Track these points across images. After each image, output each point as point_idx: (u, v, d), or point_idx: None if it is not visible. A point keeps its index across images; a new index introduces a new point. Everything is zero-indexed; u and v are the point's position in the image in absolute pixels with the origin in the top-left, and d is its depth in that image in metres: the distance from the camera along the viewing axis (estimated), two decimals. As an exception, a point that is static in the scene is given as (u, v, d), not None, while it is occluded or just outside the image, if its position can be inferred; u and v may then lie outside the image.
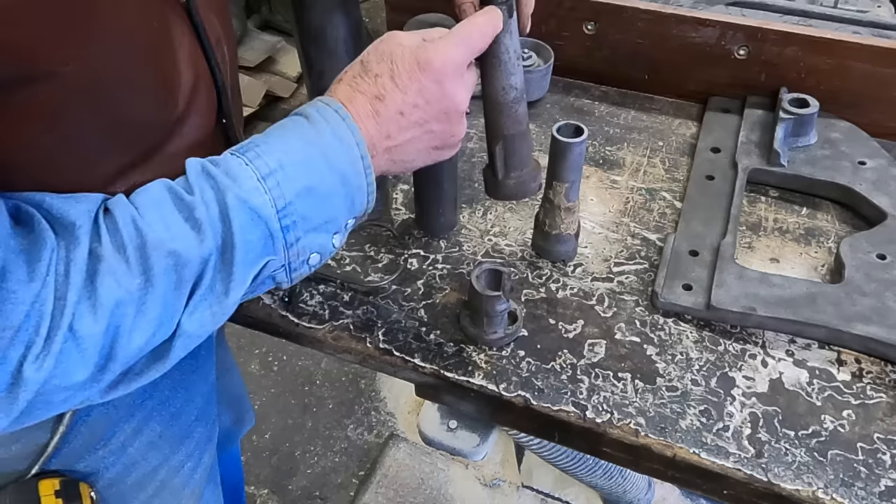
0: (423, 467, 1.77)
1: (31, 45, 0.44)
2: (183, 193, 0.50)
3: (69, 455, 0.67)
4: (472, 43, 0.59)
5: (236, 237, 0.49)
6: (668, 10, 0.99)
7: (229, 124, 0.68)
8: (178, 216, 0.49)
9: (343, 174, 0.54)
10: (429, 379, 0.74)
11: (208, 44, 0.60)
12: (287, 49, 3.21)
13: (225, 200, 0.49)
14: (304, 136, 0.53)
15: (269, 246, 0.52)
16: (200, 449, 0.84)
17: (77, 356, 0.45)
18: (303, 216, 0.53)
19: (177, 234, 0.48)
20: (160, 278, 0.47)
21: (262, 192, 0.50)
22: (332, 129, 0.54)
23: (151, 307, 0.48)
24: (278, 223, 0.51)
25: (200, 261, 0.49)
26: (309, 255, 0.55)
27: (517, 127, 0.67)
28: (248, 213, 0.50)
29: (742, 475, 0.64)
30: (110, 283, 0.46)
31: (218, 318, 0.52)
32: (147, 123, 0.56)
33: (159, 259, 0.47)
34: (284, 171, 0.51)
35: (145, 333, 0.48)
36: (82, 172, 0.54)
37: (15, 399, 0.44)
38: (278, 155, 0.52)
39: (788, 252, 0.83)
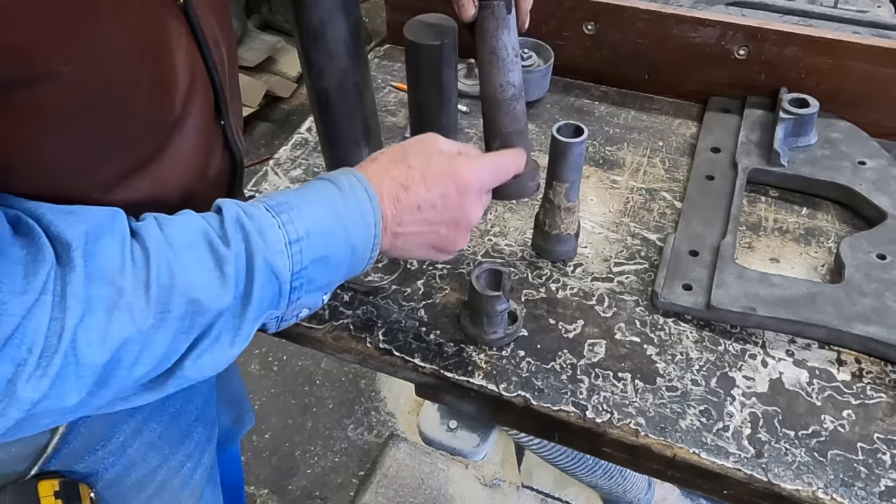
0: (423, 467, 1.77)
1: (30, 45, 0.43)
2: (219, 244, 0.50)
3: (69, 456, 0.67)
4: (500, 171, 0.65)
5: (255, 295, 0.51)
6: (668, 10, 0.99)
7: (227, 126, 0.68)
8: (211, 266, 0.50)
9: (354, 248, 0.57)
10: (429, 379, 0.74)
11: (206, 45, 0.60)
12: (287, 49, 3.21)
13: (253, 260, 0.51)
14: (332, 206, 0.56)
15: (275, 303, 0.54)
16: (200, 449, 0.84)
17: (74, 381, 0.45)
18: (310, 280, 0.55)
19: (205, 283, 0.49)
20: (175, 321, 0.48)
21: (285, 256, 0.53)
22: (358, 203, 0.57)
23: (158, 346, 0.48)
24: (290, 285, 0.54)
25: (217, 311, 0.50)
26: (301, 311, 0.58)
27: (515, 125, 0.67)
28: (269, 275, 0.52)
29: (742, 475, 0.64)
30: (125, 319, 0.46)
31: (218, 365, 0.53)
32: (145, 125, 0.56)
33: (181, 304, 0.48)
34: (309, 240, 0.54)
35: (145, 368, 0.48)
36: (82, 176, 0.53)
37: (2, 415, 0.43)
38: (307, 222, 0.54)
39: (788, 252, 0.83)
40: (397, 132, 1.03)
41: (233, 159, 0.72)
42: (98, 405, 0.48)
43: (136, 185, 0.57)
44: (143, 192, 0.58)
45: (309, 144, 1.02)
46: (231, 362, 0.54)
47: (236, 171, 0.73)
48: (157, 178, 0.59)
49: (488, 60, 0.63)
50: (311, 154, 1.00)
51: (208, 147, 0.65)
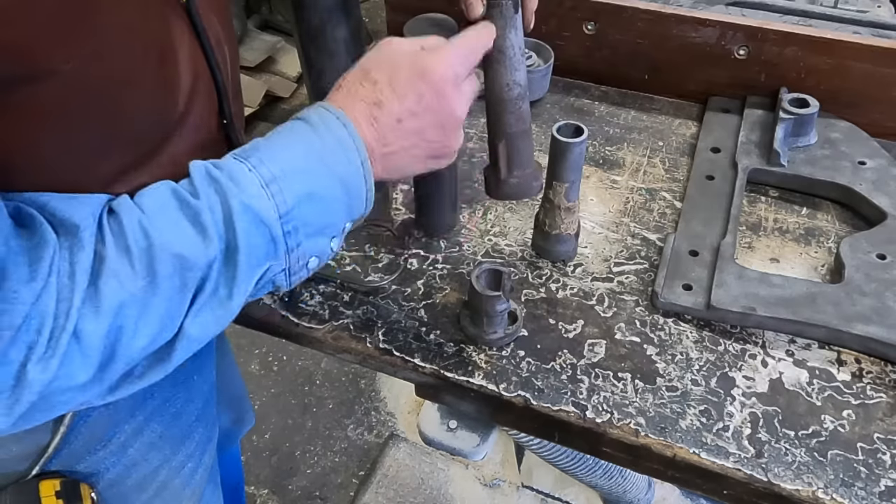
0: (423, 467, 1.77)
1: (31, 43, 0.44)
2: (188, 197, 0.50)
3: (70, 456, 0.67)
4: (470, 53, 0.60)
5: (240, 241, 0.50)
6: (668, 10, 0.99)
7: (230, 125, 0.68)
8: (184, 220, 0.49)
9: (343, 180, 0.55)
10: (429, 379, 0.74)
11: (208, 44, 0.60)
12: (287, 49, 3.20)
13: (229, 205, 0.50)
14: (305, 141, 0.54)
15: (271, 251, 0.52)
16: (201, 449, 0.84)
17: (79, 357, 0.45)
18: (304, 222, 0.53)
19: (183, 238, 0.48)
20: (165, 281, 0.48)
21: (265, 198, 0.51)
22: (333, 135, 0.54)
23: (154, 309, 0.48)
24: (280, 229, 0.52)
25: (205, 264, 0.49)
26: (308, 259, 0.56)
27: (520, 125, 0.67)
28: (252, 219, 0.50)
29: (742, 475, 0.64)
30: (114, 284, 0.46)
31: (221, 321, 0.52)
32: (147, 124, 0.56)
33: (165, 262, 0.47)
34: (287, 178, 0.52)
35: (148, 335, 0.48)
36: (83, 173, 0.53)
37: (17, 400, 0.44)
38: (280, 162, 0.52)
39: (788, 252, 0.83)
40: (397, 132, 1.03)
41: None
42: (110, 380, 0.48)
43: (137, 181, 0.57)
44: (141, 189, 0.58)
45: (309, 144, 1.02)
46: (234, 316, 0.53)
47: None
48: (159, 174, 0.59)
49: (496, 59, 0.63)
50: (311, 154, 1.00)
51: (211, 146, 0.66)
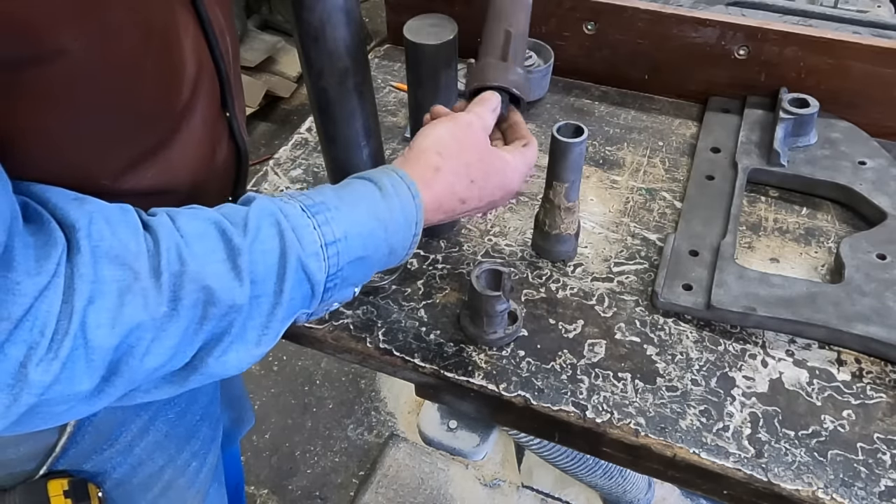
0: (423, 467, 1.77)
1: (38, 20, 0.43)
2: (234, 235, 0.49)
3: (77, 455, 0.67)
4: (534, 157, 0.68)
5: (285, 297, 0.51)
6: (668, 10, 0.99)
7: (233, 117, 0.68)
8: (222, 256, 0.49)
9: (393, 248, 0.57)
10: (429, 379, 0.74)
11: (212, 34, 0.60)
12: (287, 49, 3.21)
13: (286, 261, 0.50)
14: (373, 207, 0.56)
15: (307, 303, 0.54)
16: (205, 448, 0.84)
17: (84, 365, 0.44)
18: (344, 279, 0.55)
19: (216, 273, 0.48)
20: (187, 310, 0.47)
21: (320, 258, 0.52)
22: (401, 205, 0.56)
23: (170, 336, 0.47)
24: (323, 286, 0.53)
25: (231, 305, 0.49)
26: (332, 304, 0.59)
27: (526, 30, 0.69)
28: (301, 275, 0.51)
29: (742, 475, 0.64)
30: (138, 304, 0.45)
31: (243, 364, 0.52)
32: (153, 112, 0.56)
33: (192, 291, 0.47)
34: (346, 242, 0.53)
35: (157, 360, 0.47)
36: (92, 161, 0.53)
37: (15, 400, 0.43)
38: (345, 224, 0.54)
39: (788, 252, 0.83)
40: (397, 132, 1.03)
41: (238, 151, 0.72)
42: (114, 395, 0.48)
43: (145, 173, 0.57)
44: (152, 181, 0.58)
45: (309, 144, 1.02)
46: (256, 361, 0.53)
47: (241, 163, 0.73)
48: (166, 166, 0.59)
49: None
50: (311, 154, 1.00)
51: (215, 137, 0.66)
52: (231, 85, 0.66)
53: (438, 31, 0.71)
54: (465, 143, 0.62)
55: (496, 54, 0.68)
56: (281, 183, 0.96)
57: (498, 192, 0.64)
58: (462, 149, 0.62)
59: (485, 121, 0.65)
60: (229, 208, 0.52)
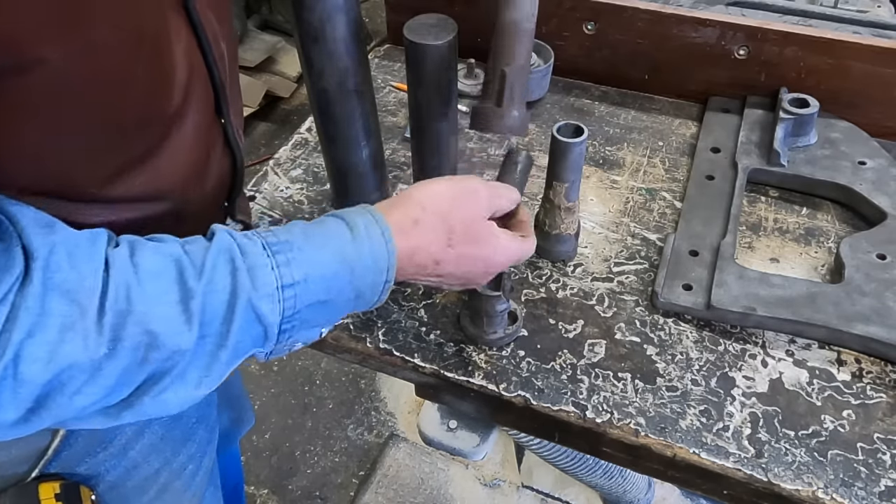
0: (423, 467, 1.77)
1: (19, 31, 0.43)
2: (190, 277, 0.48)
3: (70, 458, 0.67)
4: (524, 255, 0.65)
5: (231, 339, 0.49)
6: (668, 10, 0.99)
7: (228, 124, 0.68)
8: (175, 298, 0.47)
9: (360, 292, 0.55)
10: (429, 379, 0.74)
11: (205, 40, 0.60)
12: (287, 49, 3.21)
13: (235, 302, 0.48)
14: (341, 249, 0.53)
15: (259, 343, 0.51)
16: (202, 451, 0.84)
17: (10, 396, 0.43)
18: (304, 321, 0.53)
19: (164, 317, 0.46)
20: (127, 352, 0.45)
21: (275, 300, 0.50)
22: (371, 248, 0.54)
23: (106, 376, 0.45)
24: (277, 328, 0.51)
25: (174, 350, 0.47)
26: (294, 345, 0.56)
27: (528, 60, 0.68)
28: (252, 316, 0.49)
29: (742, 475, 0.64)
30: (77, 343, 0.43)
31: (183, 404, 0.50)
32: (142, 119, 0.56)
33: (135, 334, 0.45)
34: (307, 285, 0.51)
35: (89, 399, 0.46)
36: (75, 170, 0.53)
37: None
38: (307, 266, 0.51)
39: (788, 252, 0.83)
40: (397, 132, 1.03)
41: (233, 158, 0.71)
42: (40, 425, 0.46)
43: (134, 181, 0.56)
44: (142, 188, 0.57)
45: (309, 144, 1.02)
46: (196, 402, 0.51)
47: (237, 170, 0.73)
48: (156, 174, 0.58)
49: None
50: (311, 154, 1.00)
51: (208, 144, 0.65)
52: (226, 90, 0.65)
53: (438, 31, 0.71)
54: (458, 205, 0.60)
55: (493, 98, 0.69)
56: (281, 183, 0.96)
57: (479, 265, 0.61)
58: (452, 209, 0.59)
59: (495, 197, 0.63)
60: (195, 244, 0.51)
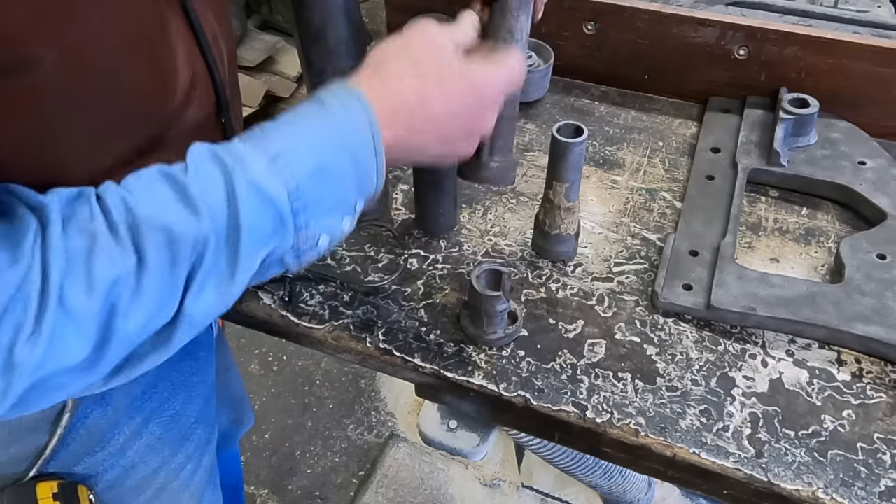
0: (423, 467, 1.77)
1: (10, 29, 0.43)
2: (177, 174, 0.48)
3: (67, 457, 0.67)
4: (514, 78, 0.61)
5: (243, 221, 0.48)
6: (668, 10, 0.99)
7: (228, 122, 0.68)
8: (171, 195, 0.47)
9: (354, 154, 0.53)
10: (429, 379, 0.74)
11: (205, 41, 0.60)
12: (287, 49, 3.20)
13: (233, 183, 0.48)
14: (313, 116, 0.52)
15: (278, 230, 0.50)
16: (200, 451, 0.84)
17: (73, 335, 0.44)
18: (314, 199, 0.51)
19: (169, 212, 0.47)
20: (153, 256, 0.46)
21: (271, 174, 0.49)
22: (343, 107, 0.52)
23: (147, 287, 0.46)
24: (289, 206, 0.50)
25: (197, 239, 0.47)
26: (318, 238, 0.54)
27: (511, 110, 0.67)
28: (258, 196, 0.48)
29: (742, 475, 0.64)
30: (105, 261, 0.44)
31: (223, 302, 0.50)
32: (140, 119, 0.56)
33: (151, 236, 0.46)
34: (294, 152, 0.50)
35: (143, 314, 0.46)
36: (74, 169, 0.53)
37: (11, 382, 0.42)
38: (286, 136, 0.51)
39: (788, 252, 0.83)
40: (397, 132, 1.03)
41: None
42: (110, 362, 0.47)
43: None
44: None
45: (309, 144, 1.02)
46: (237, 297, 0.51)
47: None
48: None
49: (504, 39, 0.64)
50: (311, 154, 1.00)
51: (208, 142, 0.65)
52: (226, 90, 0.65)
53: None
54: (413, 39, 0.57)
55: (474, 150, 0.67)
56: (281, 183, 0.96)
57: (468, 97, 0.57)
58: (408, 44, 0.57)
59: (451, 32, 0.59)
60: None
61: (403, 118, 0.55)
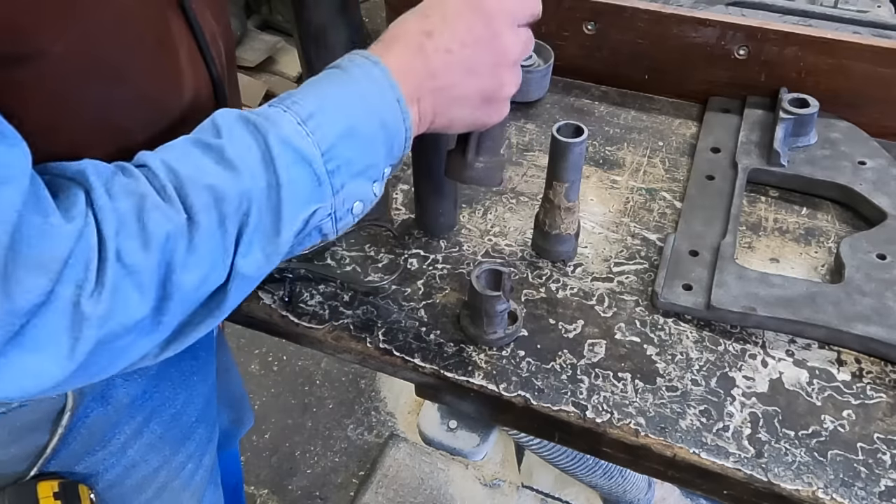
0: (423, 467, 1.77)
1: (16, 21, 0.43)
2: (209, 139, 0.49)
3: (68, 457, 0.67)
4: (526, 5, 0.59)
5: (282, 177, 0.49)
6: (668, 10, 0.99)
7: None
8: (208, 158, 0.48)
9: (381, 117, 0.54)
10: (429, 379, 0.74)
11: (203, 39, 0.60)
12: (287, 49, 3.21)
13: (267, 142, 0.49)
14: (338, 82, 0.53)
15: (316, 190, 0.51)
16: (201, 450, 0.84)
17: (133, 290, 0.45)
18: (346, 160, 0.52)
19: (209, 172, 0.48)
20: (202, 214, 0.47)
21: (303, 135, 0.50)
22: (366, 75, 0.54)
23: (200, 244, 0.47)
24: (324, 167, 0.51)
25: (240, 196, 0.48)
26: (353, 204, 0.55)
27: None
28: (294, 155, 0.49)
29: (742, 475, 0.64)
30: (158, 217, 0.45)
31: (272, 259, 0.51)
32: (146, 114, 0.56)
33: (198, 195, 0.47)
34: (324, 114, 0.51)
35: (198, 272, 0.47)
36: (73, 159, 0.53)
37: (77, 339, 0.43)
38: (315, 99, 0.52)
39: (788, 252, 0.83)
40: (397, 132, 1.03)
41: None
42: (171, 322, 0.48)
43: None
44: None
45: (309, 144, 1.02)
46: (282, 257, 0.52)
47: None
48: None
49: None
50: (311, 154, 1.00)
51: None
52: (224, 89, 0.65)
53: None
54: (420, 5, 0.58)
55: (460, 148, 0.68)
56: (281, 183, 0.96)
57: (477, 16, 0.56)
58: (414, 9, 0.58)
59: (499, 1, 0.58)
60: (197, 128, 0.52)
61: (420, 69, 0.56)
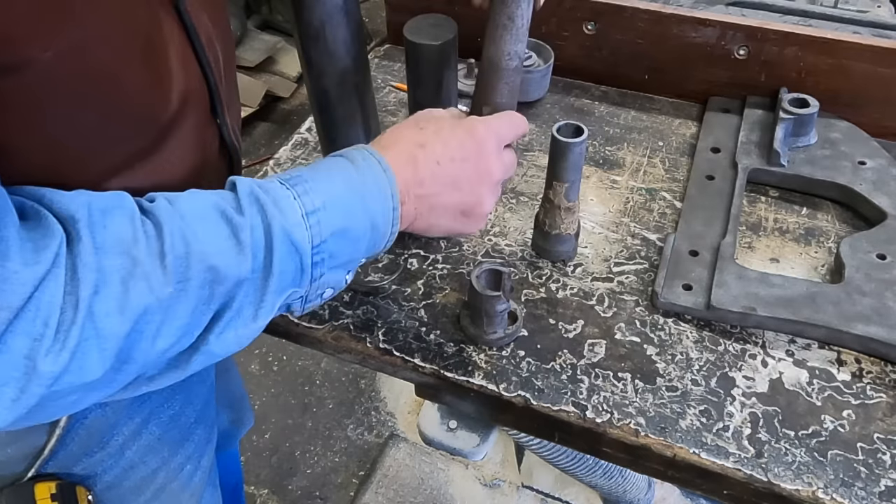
0: (423, 467, 1.77)
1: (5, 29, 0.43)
2: (232, 213, 0.50)
3: (66, 458, 0.67)
4: (514, 126, 0.66)
5: (275, 267, 0.51)
6: (668, 10, 0.99)
7: (223, 124, 0.68)
8: (226, 233, 0.49)
9: (374, 221, 0.57)
10: (429, 379, 0.74)
11: (199, 43, 0.60)
12: (287, 49, 3.21)
13: (271, 230, 0.51)
14: (348, 179, 0.56)
15: (297, 278, 0.54)
16: (200, 451, 0.84)
17: (96, 353, 0.44)
18: (331, 254, 0.55)
19: (220, 251, 0.49)
20: (195, 290, 0.48)
21: (303, 227, 0.52)
22: (373, 176, 0.57)
23: (179, 317, 0.47)
24: (311, 259, 0.54)
25: (236, 282, 0.50)
26: (325, 290, 0.58)
27: (511, 99, 0.68)
28: (289, 247, 0.52)
29: (742, 475, 0.64)
30: (143, 288, 0.45)
31: (242, 341, 0.52)
32: (137, 121, 0.56)
33: (199, 272, 0.48)
34: (326, 211, 0.54)
35: (167, 341, 0.48)
36: (71, 170, 0.53)
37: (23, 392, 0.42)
38: (323, 195, 0.54)
39: (788, 252, 0.83)
40: (397, 132, 1.03)
41: (230, 159, 0.71)
42: (123, 381, 0.48)
43: (129, 183, 0.56)
44: (139, 187, 0.57)
45: (309, 144, 1.02)
46: (255, 337, 0.54)
47: (233, 168, 0.73)
48: (154, 173, 0.59)
49: (503, 25, 0.63)
50: (311, 154, 1.00)
51: (205, 143, 0.65)
52: (220, 92, 0.65)
53: (438, 31, 0.72)
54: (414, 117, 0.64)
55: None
56: (281, 183, 0.96)
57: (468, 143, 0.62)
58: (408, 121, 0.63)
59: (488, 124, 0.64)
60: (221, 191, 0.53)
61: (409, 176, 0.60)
